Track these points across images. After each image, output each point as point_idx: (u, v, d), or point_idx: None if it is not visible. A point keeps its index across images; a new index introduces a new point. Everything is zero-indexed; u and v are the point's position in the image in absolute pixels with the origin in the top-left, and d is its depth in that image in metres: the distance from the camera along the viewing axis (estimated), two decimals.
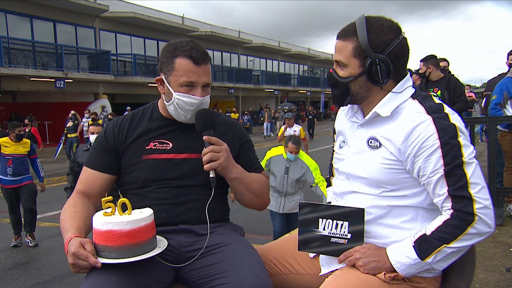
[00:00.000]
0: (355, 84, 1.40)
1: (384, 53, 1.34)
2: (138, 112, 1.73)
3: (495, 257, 3.52)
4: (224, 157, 1.53)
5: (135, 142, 1.63)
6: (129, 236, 1.31)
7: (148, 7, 24.54)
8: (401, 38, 1.36)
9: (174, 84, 1.56)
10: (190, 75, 1.54)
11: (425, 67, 5.28)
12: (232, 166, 1.57)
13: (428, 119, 1.29)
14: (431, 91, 5.35)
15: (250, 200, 1.67)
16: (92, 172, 1.63)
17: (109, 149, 1.63)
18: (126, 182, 1.64)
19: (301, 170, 4.53)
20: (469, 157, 1.26)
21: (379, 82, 1.36)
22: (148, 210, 1.42)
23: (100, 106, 20.41)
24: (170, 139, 1.63)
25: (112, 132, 1.66)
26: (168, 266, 1.50)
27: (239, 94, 31.44)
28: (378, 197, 1.39)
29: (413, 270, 1.32)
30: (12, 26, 18.06)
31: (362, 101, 1.44)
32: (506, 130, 4.73)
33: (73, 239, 1.35)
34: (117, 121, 1.70)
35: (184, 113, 1.58)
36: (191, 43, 1.57)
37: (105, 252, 1.32)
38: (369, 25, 1.35)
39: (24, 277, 4.32)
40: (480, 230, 1.25)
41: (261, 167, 1.78)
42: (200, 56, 1.54)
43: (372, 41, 1.34)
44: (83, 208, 1.53)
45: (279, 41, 38.17)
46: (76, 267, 1.31)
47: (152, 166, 1.59)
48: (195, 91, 1.55)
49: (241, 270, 1.39)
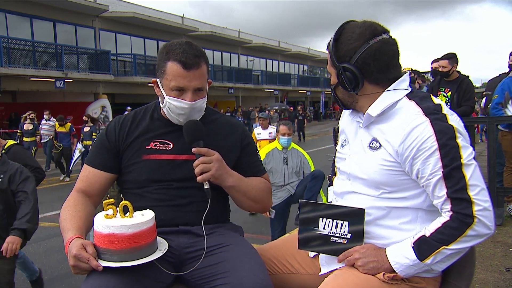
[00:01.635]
0: (338, 91, 1.47)
1: (352, 61, 1.36)
2: (140, 111, 1.72)
3: (495, 257, 3.53)
4: (215, 167, 1.51)
5: (136, 141, 1.62)
6: (131, 240, 1.31)
7: (148, 7, 24.54)
8: (371, 43, 1.35)
9: (166, 87, 1.55)
10: (180, 80, 1.51)
11: (450, 65, 5.18)
12: (227, 175, 1.55)
13: (426, 120, 1.29)
14: (442, 90, 5.32)
15: (249, 206, 1.67)
16: (93, 170, 1.62)
17: (110, 148, 1.63)
18: (126, 181, 1.63)
19: (298, 158, 4.52)
20: (468, 159, 1.26)
21: (348, 90, 1.39)
22: (149, 212, 1.41)
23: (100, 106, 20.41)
24: (171, 139, 1.62)
25: (114, 131, 1.65)
26: (169, 266, 1.50)
27: (239, 94, 31.43)
28: (377, 198, 1.39)
29: (412, 271, 1.32)
30: (12, 26, 18.06)
31: (354, 106, 1.47)
32: (507, 130, 4.73)
33: (75, 240, 1.34)
34: (118, 120, 1.69)
35: (176, 116, 1.57)
36: (184, 46, 1.53)
37: (107, 255, 1.32)
38: (340, 35, 1.39)
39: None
40: (480, 232, 1.25)
41: (263, 170, 1.76)
42: (190, 60, 1.50)
43: (339, 51, 1.38)
44: (83, 208, 1.53)
45: (279, 41, 38.16)
46: (77, 269, 1.31)
47: (152, 166, 1.58)
48: (185, 96, 1.53)
49: (241, 270, 1.40)
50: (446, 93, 5.27)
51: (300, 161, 4.50)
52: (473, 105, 5.41)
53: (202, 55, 1.57)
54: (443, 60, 5.22)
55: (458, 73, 5.33)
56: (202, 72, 1.56)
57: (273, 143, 4.68)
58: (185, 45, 1.54)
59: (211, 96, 29.49)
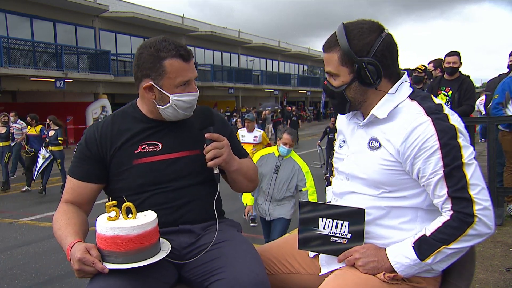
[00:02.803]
0: (350, 90, 1.41)
1: (370, 55, 1.34)
2: (118, 114, 1.66)
3: (495, 257, 3.53)
4: (227, 152, 1.55)
5: (123, 148, 1.56)
6: (136, 241, 1.31)
7: (148, 7, 24.53)
8: (384, 36, 1.36)
9: (168, 87, 1.52)
10: (185, 74, 1.52)
11: (459, 61, 5.21)
12: (233, 160, 1.60)
13: (428, 120, 1.29)
14: (443, 90, 5.33)
15: (246, 186, 1.73)
16: (77, 182, 1.57)
17: (92, 157, 1.56)
18: (118, 189, 1.57)
19: (292, 171, 3.95)
20: (468, 158, 1.26)
21: (372, 84, 1.36)
22: (152, 213, 1.41)
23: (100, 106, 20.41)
24: (159, 139, 1.58)
25: (94, 139, 1.57)
26: (171, 267, 1.50)
27: (239, 94, 31.43)
28: (377, 198, 1.39)
29: (412, 270, 1.32)
30: (12, 26, 18.05)
31: (361, 106, 1.45)
32: (507, 130, 4.72)
33: (76, 244, 1.33)
34: (96, 128, 1.60)
35: (183, 111, 1.56)
36: (170, 41, 1.53)
37: (111, 257, 1.31)
38: (348, 31, 1.36)
39: (24, 277, 4.32)
40: (480, 231, 1.25)
41: (246, 152, 1.82)
42: (186, 52, 1.54)
43: (355, 46, 1.35)
44: (76, 215, 1.51)
45: (279, 41, 38.17)
46: (81, 273, 1.30)
47: (145, 170, 1.54)
48: (190, 88, 1.56)
49: (237, 265, 1.40)
50: (447, 92, 5.27)
51: (293, 174, 3.96)
52: (474, 104, 5.42)
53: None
54: (453, 57, 5.25)
55: (459, 72, 5.35)
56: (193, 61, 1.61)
57: (272, 148, 4.24)
58: (169, 40, 1.54)
59: (211, 96, 29.56)
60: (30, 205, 7.79)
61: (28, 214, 7.06)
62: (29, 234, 5.90)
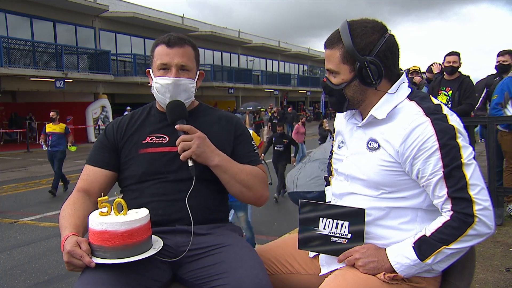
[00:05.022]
0: (349, 89, 1.41)
1: (372, 54, 1.34)
2: (138, 111, 1.78)
3: (495, 257, 3.53)
4: (196, 144, 1.52)
5: (132, 137, 1.66)
6: (124, 237, 1.32)
7: (148, 7, 24.55)
8: (387, 36, 1.36)
9: (154, 71, 1.64)
10: (163, 57, 1.60)
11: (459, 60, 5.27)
12: (212, 154, 1.56)
13: (427, 120, 1.29)
14: (443, 89, 5.36)
15: (240, 191, 1.60)
16: (93, 168, 1.65)
17: (109, 146, 1.67)
18: (125, 178, 1.65)
19: None
20: (468, 158, 1.26)
21: (372, 83, 1.36)
22: (144, 210, 1.42)
23: (100, 106, 20.42)
24: (167, 133, 1.65)
25: (112, 129, 1.70)
26: (165, 265, 1.50)
27: (239, 94, 31.44)
28: (376, 198, 1.39)
29: (412, 270, 1.32)
30: (12, 26, 18.07)
31: (359, 105, 1.44)
32: (506, 130, 4.72)
33: (70, 237, 1.35)
34: (117, 120, 1.76)
35: (162, 96, 1.62)
36: (171, 33, 1.65)
37: (100, 252, 1.33)
38: (352, 29, 1.36)
39: (24, 277, 4.32)
40: (480, 231, 1.25)
41: (258, 161, 1.72)
42: (174, 40, 1.60)
43: (358, 44, 1.34)
44: (83, 206, 1.53)
45: (279, 41, 38.18)
46: (70, 266, 1.32)
47: (148, 160, 1.61)
48: (169, 73, 1.60)
49: (240, 271, 1.39)
50: (447, 92, 5.29)
51: None
52: (474, 103, 5.44)
53: (188, 40, 1.66)
54: (453, 56, 5.32)
55: (459, 72, 5.39)
56: (186, 51, 1.62)
57: None
58: (175, 34, 1.66)
59: (211, 96, 29.56)
60: (30, 205, 7.79)
61: (28, 214, 7.06)
62: (29, 234, 5.90)
